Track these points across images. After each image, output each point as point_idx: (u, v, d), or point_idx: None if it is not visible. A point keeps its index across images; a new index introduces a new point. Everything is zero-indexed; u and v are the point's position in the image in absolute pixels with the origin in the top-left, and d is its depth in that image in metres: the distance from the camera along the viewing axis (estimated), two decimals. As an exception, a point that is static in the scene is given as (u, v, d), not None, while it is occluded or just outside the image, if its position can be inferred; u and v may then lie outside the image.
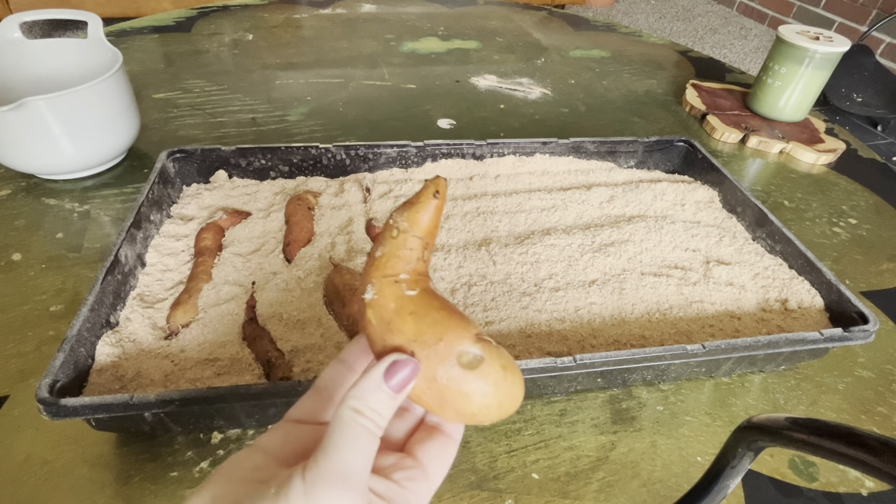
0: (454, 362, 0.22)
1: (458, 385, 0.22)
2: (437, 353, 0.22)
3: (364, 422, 0.20)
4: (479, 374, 0.22)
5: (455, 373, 0.22)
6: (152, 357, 0.38)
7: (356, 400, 0.21)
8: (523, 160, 0.60)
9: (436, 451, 0.23)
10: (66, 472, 0.34)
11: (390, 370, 0.22)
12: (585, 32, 1.09)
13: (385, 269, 0.23)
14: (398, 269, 0.23)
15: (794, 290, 0.47)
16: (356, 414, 0.20)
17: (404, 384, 0.22)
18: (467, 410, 0.22)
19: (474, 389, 0.22)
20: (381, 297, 0.23)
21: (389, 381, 0.21)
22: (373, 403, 0.21)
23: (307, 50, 0.92)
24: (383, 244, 0.24)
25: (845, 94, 1.42)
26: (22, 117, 0.49)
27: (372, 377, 0.21)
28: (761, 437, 0.21)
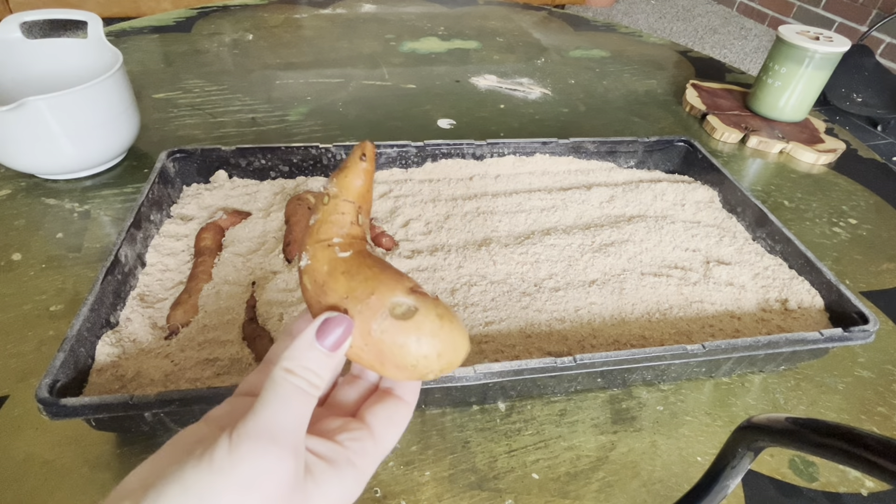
0: (387, 314, 0.22)
1: (393, 337, 0.22)
2: (369, 307, 0.22)
3: (295, 380, 0.20)
4: (413, 324, 0.22)
5: (388, 324, 0.22)
6: (152, 357, 0.38)
7: (288, 360, 0.21)
8: (523, 160, 0.60)
9: (385, 413, 0.23)
10: (66, 472, 0.34)
11: (323, 328, 0.22)
12: (585, 32, 1.09)
13: (318, 234, 0.24)
14: (331, 233, 0.24)
15: (794, 290, 0.47)
16: (287, 373, 0.20)
17: (339, 342, 0.22)
18: (406, 362, 0.22)
19: (409, 340, 0.22)
20: (315, 262, 0.23)
21: (323, 340, 0.21)
22: (306, 362, 0.21)
23: (307, 50, 0.92)
24: (316, 211, 0.24)
25: (845, 94, 1.42)
26: (22, 117, 0.49)
27: (304, 337, 0.21)
28: (761, 437, 0.21)
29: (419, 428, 0.38)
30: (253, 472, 0.18)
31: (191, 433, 0.21)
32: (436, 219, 0.52)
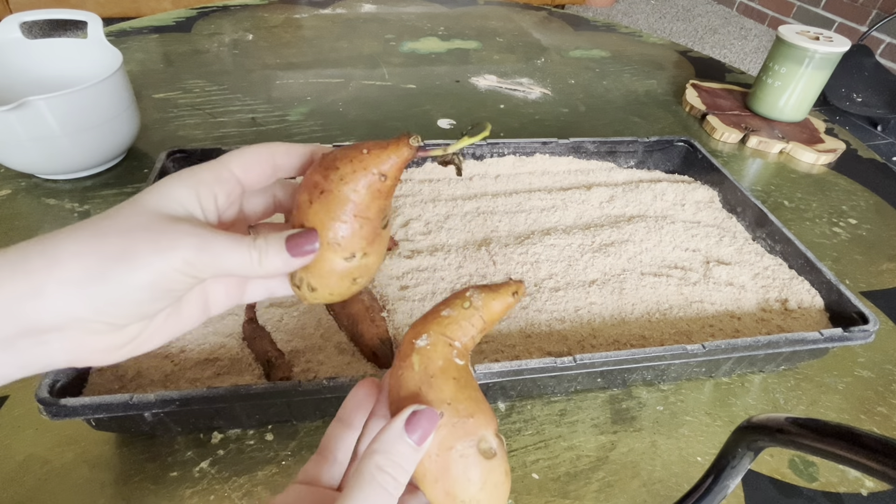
0: (474, 443, 0.22)
1: (467, 467, 0.21)
2: (463, 427, 0.22)
3: (385, 479, 0.20)
4: (488, 466, 0.22)
5: (471, 453, 0.22)
6: (152, 357, 0.38)
7: (379, 454, 0.20)
8: (523, 160, 0.60)
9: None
10: (66, 472, 0.34)
11: (413, 420, 0.21)
12: (585, 32, 1.09)
13: (445, 328, 0.23)
14: (455, 335, 0.23)
15: (794, 290, 0.47)
16: (377, 470, 0.20)
17: (425, 436, 0.21)
18: (460, 495, 0.22)
19: (478, 478, 0.21)
20: (433, 350, 0.23)
21: (412, 433, 0.21)
22: (395, 457, 0.20)
23: (307, 50, 0.92)
24: (452, 308, 0.24)
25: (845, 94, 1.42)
26: (22, 117, 0.49)
27: (393, 429, 0.21)
28: (761, 437, 0.21)
29: (419, 428, 0.38)
30: None
31: None
32: (436, 219, 0.52)
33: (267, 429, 0.37)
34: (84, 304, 0.20)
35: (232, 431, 0.37)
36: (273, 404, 0.35)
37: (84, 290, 0.20)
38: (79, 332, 0.20)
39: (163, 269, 0.20)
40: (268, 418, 0.37)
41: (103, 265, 0.20)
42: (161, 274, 0.20)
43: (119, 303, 0.20)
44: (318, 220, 0.23)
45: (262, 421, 0.37)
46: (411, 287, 0.45)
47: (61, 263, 0.19)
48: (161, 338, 0.24)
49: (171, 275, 0.21)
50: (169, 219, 0.21)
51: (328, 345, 0.39)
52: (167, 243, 0.21)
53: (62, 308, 0.19)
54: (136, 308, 0.21)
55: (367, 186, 0.23)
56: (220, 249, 0.22)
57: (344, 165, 0.23)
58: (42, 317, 0.19)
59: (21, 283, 0.19)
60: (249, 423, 0.37)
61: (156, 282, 0.21)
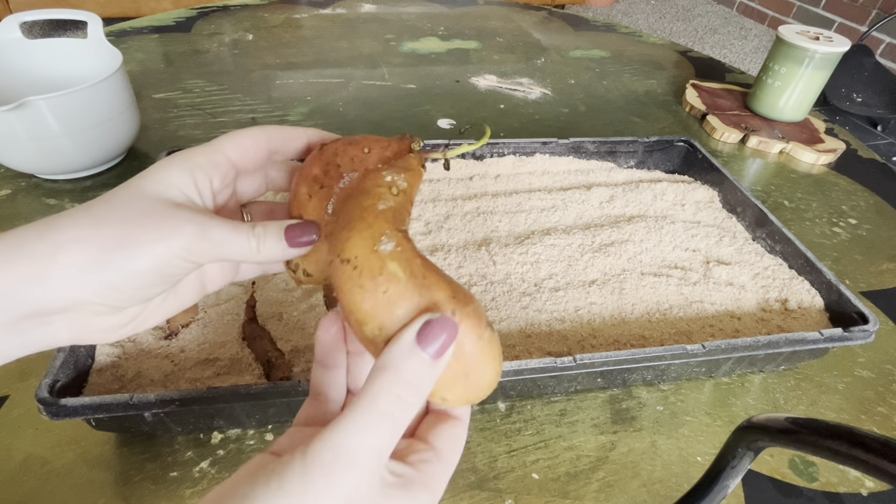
0: (486, 324, 0.20)
1: (486, 349, 0.19)
2: (475, 314, 0.19)
3: (389, 402, 0.18)
4: (497, 341, 0.20)
5: (488, 335, 0.20)
6: (152, 357, 0.38)
7: (387, 372, 0.18)
8: (523, 160, 0.60)
9: (448, 434, 0.22)
10: (66, 472, 0.34)
11: (425, 332, 0.18)
12: (585, 32, 1.09)
13: (395, 222, 0.20)
14: (403, 225, 0.21)
15: (794, 290, 0.47)
16: (384, 392, 0.18)
17: (444, 348, 0.18)
18: (485, 379, 0.20)
19: (496, 354, 0.20)
20: (404, 250, 0.19)
21: (426, 346, 0.18)
22: (406, 374, 0.18)
23: (307, 50, 0.92)
24: (383, 199, 0.21)
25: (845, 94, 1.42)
26: (22, 117, 0.49)
27: (402, 342, 0.18)
28: (761, 437, 0.21)
29: (419, 428, 0.38)
30: (326, 498, 0.16)
31: (255, 461, 0.20)
32: (436, 219, 0.52)
33: (267, 429, 0.37)
34: (87, 288, 0.20)
35: (232, 431, 0.37)
36: (273, 404, 0.35)
37: (87, 276, 0.20)
38: (81, 314, 0.21)
39: (163, 255, 0.21)
40: (268, 418, 0.37)
41: (105, 252, 0.20)
42: (161, 260, 0.21)
43: (121, 288, 0.21)
44: (316, 213, 0.23)
45: (262, 421, 0.37)
46: (411, 287, 0.45)
47: (63, 249, 0.20)
48: (159, 316, 0.24)
49: (171, 261, 0.21)
50: (168, 204, 0.22)
51: (328, 345, 0.39)
52: (168, 230, 0.21)
53: (66, 292, 0.20)
54: (136, 292, 0.21)
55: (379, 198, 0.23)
56: (219, 237, 0.22)
57: (344, 163, 0.23)
58: (47, 300, 0.20)
59: (25, 268, 0.19)
60: (249, 423, 0.37)
61: (156, 268, 0.21)
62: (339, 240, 0.20)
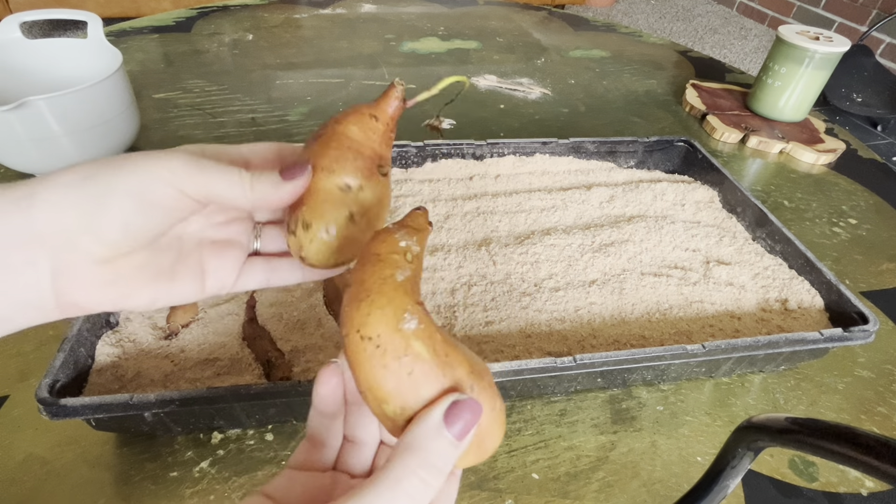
0: (498, 394, 0.20)
1: (497, 420, 0.20)
2: (489, 387, 0.20)
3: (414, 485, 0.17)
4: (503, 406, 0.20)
5: (500, 406, 0.20)
6: (152, 357, 0.38)
7: (412, 454, 0.18)
8: (523, 160, 0.60)
9: (444, 489, 0.21)
10: (66, 472, 0.34)
11: (451, 413, 0.18)
12: (585, 32, 1.09)
13: (415, 294, 0.20)
14: (419, 296, 0.20)
15: (794, 290, 0.47)
16: (410, 474, 0.17)
17: (467, 430, 0.18)
18: (491, 447, 0.20)
19: (500, 427, 0.20)
20: (427, 327, 0.19)
21: (452, 427, 0.18)
22: (431, 456, 0.18)
23: (307, 50, 0.92)
24: (400, 268, 0.20)
25: (845, 94, 1.42)
26: (22, 117, 0.49)
27: (430, 422, 0.18)
28: (761, 437, 0.21)
29: (419, 428, 0.38)
30: None
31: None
32: (436, 219, 0.52)
33: (267, 429, 0.37)
34: (73, 209, 0.20)
35: (232, 431, 0.37)
36: (273, 404, 0.35)
37: (73, 192, 0.20)
38: (67, 252, 0.20)
39: (148, 176, 0.21)
40: (268, 418, 0.37)
41: (93, 170, 0.20)
42: (145, 182, 0.21)
43: (106, 208, 0.20)
44: (312, 153, 0.24)
45: (262, 421, 0.37)
46: (411, 287, 0.45)
47: (55, 174, 0.20)
48: (148, 293, 0.23)
49: (155, 185, 0.21)
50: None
51: (328, 345, 0.39)
52: (157, 155, 0.21)
53: (52, 211, 0.20)
54: (122, 219, 0.21)
55: (359, 124, 0.24)
56: (209, 166, 0.22)
57: (339, 115, 0.25)
58: (32, 220, 0.20)
59: (15, 190, 0.20)
60: (249, 423, 0.37)
61: (140, 190, 0.21)
62: (358, 313, 0.19)
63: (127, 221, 0.21)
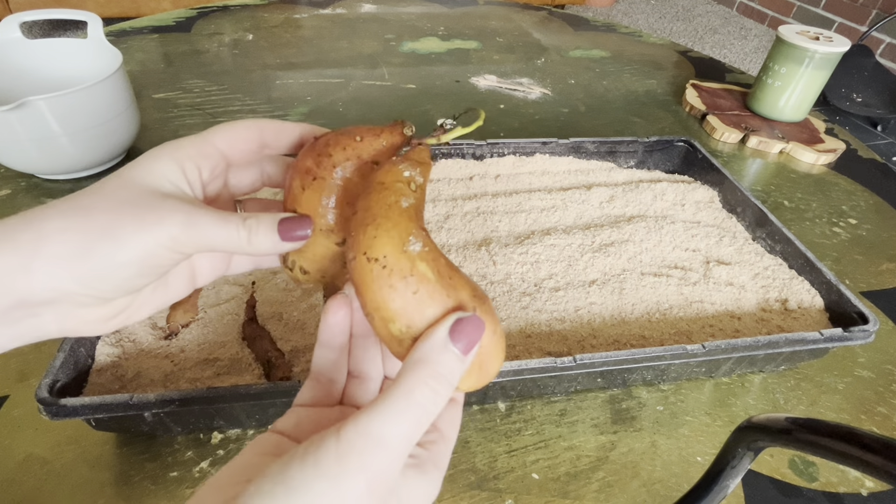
0: (497, 319, 0.21)
1: (499, 343, 0.21)
2: (490, 309, 0.21)
3: (425, 394, 0.18)
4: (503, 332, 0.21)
5: (500, 330, 0.21)
6: (152, 357, 0.38)
7: (423, 365, 0.19)
8: (523, 160, 0.60)
9: (448, 416, 0.23)
10: (66, 472, 0.34)
11: (457, 328, 0.19)
12: (585, 32, 1.09)
13: (419, 220, 0.21)
14: (423, 223, 0.21)
15: (794, 290, 0.47)
16: (421, 384, 0.18)
17: (472, 345, 0.19)
18: (494, 369, 0.21)
19: (503, 346, 0.21)
20: (431, 250, 0.20)
21: (458, 342, 0.19)
22: (439, 367, 0.19)
23: (307, 50, 0.92)
24: (405, 195, 0.21)
25: (845, 94, 1.42)
26: (22, 117, 0.49)
27: (436, 337, 0.19)
28: (761, 437, 0.21)
29: (419, 428, 0.38)
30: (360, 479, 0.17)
31: (265, 442, 0.21)
32: (436, 219, 0.52)
33: (267, 429, 0.37)
34: (71, 279, 0.20)
35: (232, 431, 0.37)
36: (273, 404, 0.35)
37: (71, 266, 0.20)
38: (68, 305, 0.21)
39: (149, 245, 0.21)
40: (268, 418, 0.37)
41: (89, 242, 0.20)
42: (147, 251, 0.21)
43: (106, 278, 0.20)
44: (310, 206, 0.23)
45: (262, 421, 0.37)
46: (411, 287, 0.45)
47: (48, 238, 0.20)
48: (149, 309, 0.24)
49: (157, 251, 0.21)
50: (156, 194, 0.21)
51: (328, 345, 0.39)
52: (153, 219, 0.21)
53: (50, 283, 0.20)
54: (122, 283, 0.21)
55: (360, 174, 0.23)
56: (207, 226, 0.22)
57: (337, 153, 0.23)
58: (32, 290, 0.20)
59: (9, 258, 0.19)
60: (249, 423, 0.37)
61: (142, 258, 0.21)
62: (365, 237, 0.20)
63: (128, 285, 0.21)
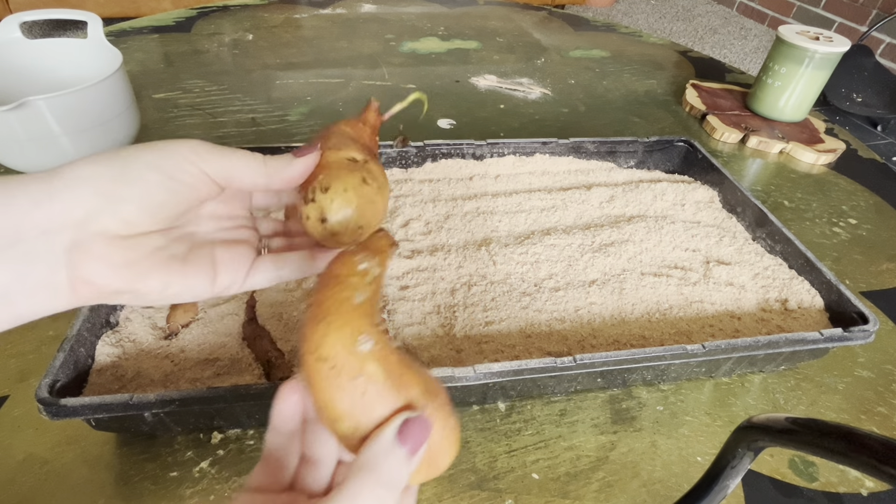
0: (451, 413, 0.21)
1: (451, 437, 0.20)
2: (442, 405, 0.20)
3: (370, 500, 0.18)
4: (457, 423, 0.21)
5: (454, 424, 0.21)
6: (152, 357, 0.38)
7: (367, 473, 0.18)
8: (523, 160, 0.60)
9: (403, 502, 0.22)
10: (65, 472, 0.34)
11: (404, 432, 0.19)
12: (585, 32, 1.09)
13: (372, 315, 0.21)
14: (377, 317, 0.21)
15: (794, 290, 0.47)
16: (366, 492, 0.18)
17: (419, 446, 0.19)
18: (444, 464, 0.21)
19: (456, 441, 0.21)
20: (382, 347, 0.20)
21: (405, 444, 0.19)
22: (385, 474, 0.18)
23: (307, 50, 0.92)
24: (359, 290, 0.21)
25: (845, 94, 1.42)
26: (22, 117, 0.49)
27: (383, 439, 0.19)
28: (761, 437, 0.21)
29: (419, 428, 0.38)
30: None
31: None
32: (436, 219, 0.52)
33: (267, 429, 0.37)
34: (94, 194, 0.20)
35: (232, 431, 0.37)
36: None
37: (94, 168, 0.20)
38: (83, 227, 0.20)
39: (172, 153, 0.21)
40: (267, 418, 0.37)
41: (112, 154, 0.21)
42: (169, 159, 0.21)
43: (128, 182, 0.21)
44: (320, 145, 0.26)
45: (262, 421, 0.37)
46: (411, 287, 0.45)
47: (69, 165, 0.21)
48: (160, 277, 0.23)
49: (177, 159, 0.22)
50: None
51: (328, 345, 0.39)
52: (181, 140, 0.22)
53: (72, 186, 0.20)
54: (143, 192, 0.21)
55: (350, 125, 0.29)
56: (226, 149, 0.23)
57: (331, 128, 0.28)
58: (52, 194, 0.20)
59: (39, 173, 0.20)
60: (249, 423, 0.37)
61: (164, 166, 0.21)
62: (315, 334, 0.20)
63: (149, 195, 0.21)
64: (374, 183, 0.26)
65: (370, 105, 0.32)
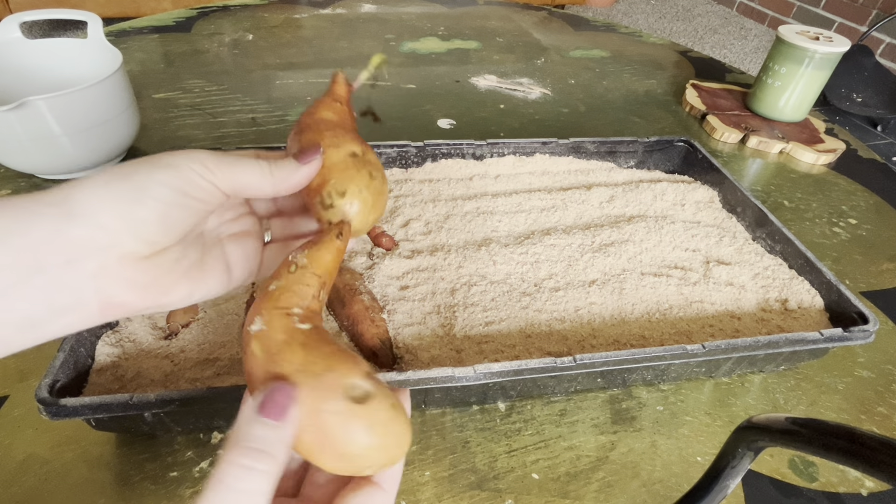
0: (342, 395, 0.20)
1: (345, 421, 0.20)
2: (324, 384, 0.20)
3: (237, 474, 0.18)
4: (366, 410, 0.20)
5: (342, 406, 0.20)
6: (152, 357, 0.38)
7: (233, 448, 0.18)
8: (523, 160, 0.60)
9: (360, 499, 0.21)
10: (65, 472, 0.34)
11: (267, 400, 0.19)
12: (585, 32, 1.09)
13: (278, 301, 0.22)
14: (291, 303, 0.23)
15: (794, 290, 0.47)
16: (231, 466, 0.18)
17: (283, 410, 0.19)
18: (350, 451, 0.20)
19: (361, 426, 0.20)
20: (271, 329, 0.22)
21: (266, 412, 0.19)
22: (253, 442, 0.18)
23: (307, 50, 0.92)
24: (278, 278, 0.23)
25: (845, 94, 1.42)
26: (22, 117, 0.49)
27: (245, 412, 0.19)
28: (761, 437, 0.21)
29: (419, 428, 0.38)
30: None
31: None
32: (436, 219, 0.52)
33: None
34: (110, 208, 0.20)
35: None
36: (273, 404, 0.35)
37: (109, 191, 0.21)
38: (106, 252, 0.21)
39: (182, 166, 0.22)
40: (268, 418, 0.37)
41: (127, 169, 0.21)
42: (181, 177, 0.22)
43: (144, 204, 0.21)
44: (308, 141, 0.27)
45: (262, 421, 0.37)
46: (411, 287, 0.45)
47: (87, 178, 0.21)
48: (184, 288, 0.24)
49: (189, 175, 0.22)
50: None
51: (328, 345, 0.39)
52: (186, 152, 0.23)
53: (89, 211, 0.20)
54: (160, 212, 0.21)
55: (329, 109, 0.30)
56: (233, 160, 0.24)
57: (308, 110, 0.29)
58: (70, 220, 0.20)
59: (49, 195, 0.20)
60: (249, 423, 0.37)
61: (177, 185, 0.22)
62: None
63: (165, 214, 0.22)
64: (378, 173, 0.27)
65: (336, 78, 0.33)
